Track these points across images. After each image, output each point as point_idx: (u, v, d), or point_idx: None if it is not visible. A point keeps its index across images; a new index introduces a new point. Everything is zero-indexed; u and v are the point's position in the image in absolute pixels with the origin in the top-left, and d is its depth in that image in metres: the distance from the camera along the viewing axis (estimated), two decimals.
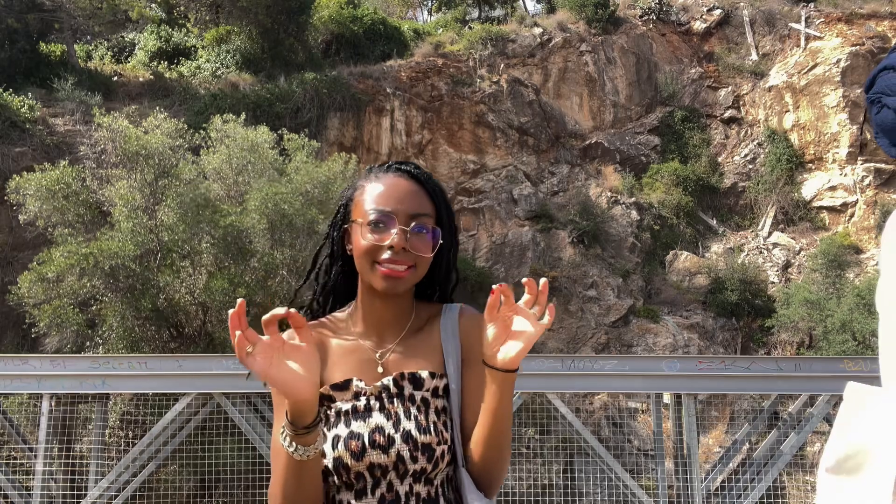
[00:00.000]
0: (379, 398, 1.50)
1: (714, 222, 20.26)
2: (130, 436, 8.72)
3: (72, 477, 6.98)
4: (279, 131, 13.75)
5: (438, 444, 1.47)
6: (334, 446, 1.45)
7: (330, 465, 1.45)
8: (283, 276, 11.65)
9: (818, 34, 21.21)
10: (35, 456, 6.86)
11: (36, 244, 12.95)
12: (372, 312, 1.59)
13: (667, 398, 7.28)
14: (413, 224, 1.50)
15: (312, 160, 13.03)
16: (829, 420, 7.14)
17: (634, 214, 19.12)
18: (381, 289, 1.50)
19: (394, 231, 1.48)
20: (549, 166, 20.34)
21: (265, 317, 1.22)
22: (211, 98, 17.92)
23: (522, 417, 8.11)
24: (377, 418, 1.47)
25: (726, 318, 17.37)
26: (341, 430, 1.46)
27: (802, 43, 21.40)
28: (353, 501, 1.46)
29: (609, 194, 19.43)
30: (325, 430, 1.47)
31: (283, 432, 1.33)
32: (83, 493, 6.83)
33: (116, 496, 6.90)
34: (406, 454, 1.44)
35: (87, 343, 11.22)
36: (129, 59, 22.82)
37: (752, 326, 17.39)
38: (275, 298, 11.17)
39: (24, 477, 7.31)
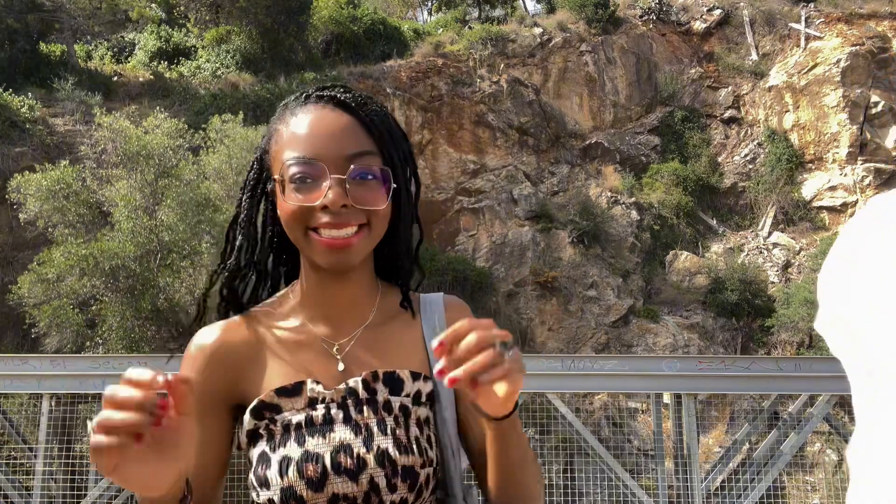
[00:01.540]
0: (343, 406, 1.14)
1: (714, 222, 20.25)
2: None
3: (72, 477, 6.97)
4: None
5: (423, 466, 1.13)
6: (282, 472, 1.09)
7: (276, 499, 1.08)
8: None
9: (818, 34, 21.20)
10: (35, 456, 6.86)
11: (36, 244, 12.96)
12: (322, 294, 1.21)
13: (667, 398, 7.27)
14: (352, 169, 1.11)
15: None
16: (829, 420, 7.14)
17: (634, 214, 19.12)
18: (326, 264, 1.13)
19: (325, 184, 1.09)
20: (549, 166, 20.34)
21: (140, 386, 0.84)
22: (211, 98, 17.93)
23: (522, 417, 8.10)
24: (341, 433, 1.11)
25: (726, 318, 17.37)
26: (292, 449, 1.10)
27: (802, 43, 21.39)
28: None
29: (609, 194, 19.43)
30: (268, 450, 1.12)
31: None
32: (83, 493, 6.83)
33: (116, 496, 6.89)
34: (381, 481, 1.09)
35: (87, 343, 11.23)
36: (129, 59, 22.81)
37: (752, 326, 17.39)
38: None
39: (24, 477, 7.30)
